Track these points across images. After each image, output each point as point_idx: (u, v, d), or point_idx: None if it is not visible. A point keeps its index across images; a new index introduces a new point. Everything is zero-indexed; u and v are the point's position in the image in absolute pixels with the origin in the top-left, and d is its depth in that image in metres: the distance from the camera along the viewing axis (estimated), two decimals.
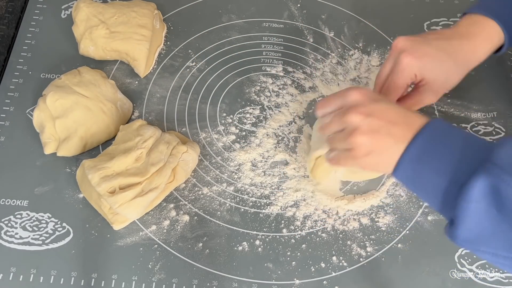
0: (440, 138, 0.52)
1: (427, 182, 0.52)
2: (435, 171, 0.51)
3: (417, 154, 0.52)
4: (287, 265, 0.66)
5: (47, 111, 0.71)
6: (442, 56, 0.63)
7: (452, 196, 0.50)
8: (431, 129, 0.53)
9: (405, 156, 0.53)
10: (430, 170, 0.52)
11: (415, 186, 0.55)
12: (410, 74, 0.63)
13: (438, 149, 0.52)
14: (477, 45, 0.65)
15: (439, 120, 0.54)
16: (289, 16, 0.88)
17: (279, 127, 0.77)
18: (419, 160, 0.52)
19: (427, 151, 0.52)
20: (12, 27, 0.85)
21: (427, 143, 0.52)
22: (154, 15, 0.82)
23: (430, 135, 0.53)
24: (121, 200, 0.64)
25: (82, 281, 0.64)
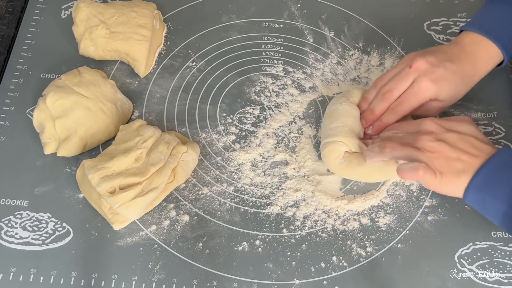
0: (504, 167, 0.58)
1: (490, 206, 0.59)
2: (496, 197, 0.58)
3: (482, 182, 0.58)
4: (287, 265, 0.66)
5: (47, 111, 0.71)
6: (456, 79, 0.69)
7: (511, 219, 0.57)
8: (498, 159, 0.59)
9: (472, 184, 0.59)
10: (491, 196, 0.58)
11: (482, 210, 0.61)
12: (426, 97, 0.68)
13: (500, 176, 0.58)
14: (480, 66, 0.71)
15: (507, 149, 0.60)
16: (289, 16, 0.88)
17: (279, 127, 0.77)
18: (485, 187, 0.58)
19: (491, 178, 0.58)
20: (12, 27, 0.85)
21: (493, 171, 0.58)
22: (154, 15, 0.82)
23: (496, 164, 0.59)
24: (121, 200, 0.64)
25: (82, 281, 0.65)
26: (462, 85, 0.70)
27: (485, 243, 0.68)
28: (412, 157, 0.62)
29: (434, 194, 0.72)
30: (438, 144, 0.61)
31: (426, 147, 0.61)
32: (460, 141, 0.61)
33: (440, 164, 0.60)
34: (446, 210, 0.71)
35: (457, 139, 0.61)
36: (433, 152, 0.61)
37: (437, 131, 0.62)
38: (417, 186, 0.73)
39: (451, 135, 0.61)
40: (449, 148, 0.60)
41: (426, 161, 0.60)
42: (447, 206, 0.71)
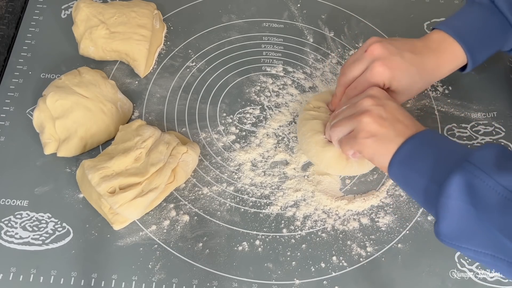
0: (426, 143, 0.58)
1: (412, 181, 0.57)
2: (418, 171, 0.56)
3: (404, 156, 0.58)
4: (287, 265, 0.66)
5: (47, 112, 0.71)
6: (411, 70, 0.67)
7: (433, 194, 0.54)
8: (421, 135, 0.58)
9: (395, 157, 0.58)
10: (413, 170, 0.57)
11: (404, 186, 0.60)
12: (379, 82, 0.66)
13: (422, 152, 0.57)
14: (442, 63, 0.69)
15: (433, 130, 0.60)
16: (289, 16, 0.88)
17: (279, 127, 0.77)
18: (406, 162, 0.57)
19: (413, 154, 0.57)
20: (12, 27, 0.85)
21: (415, 147, 0.58)
22: (154, 15, 0.82)
23: (419, 140, 0.58)
24: (121, 200, 0.64)
25: (82, 281, 0.65)
26: (419, 79, 0.68)
27: None
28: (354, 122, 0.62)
29: None
30: (380, 109, 0.61)
31: (369, 108, 0.61)
32: (399, 110, 0.61)
33: (376, 126, 0.60)
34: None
35: (397, 108, 0.61)
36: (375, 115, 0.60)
37: (380, 96, 0.62)
38: None
39: (391, 103, 0.62)
40: (388, 116, 0.60)
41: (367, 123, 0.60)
42: None
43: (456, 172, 0.52)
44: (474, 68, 0.71)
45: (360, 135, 0.60)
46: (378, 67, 0.66)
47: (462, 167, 0.52)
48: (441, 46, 0.69)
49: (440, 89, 0.81)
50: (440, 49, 0.69)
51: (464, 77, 0.82)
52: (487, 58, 0.71)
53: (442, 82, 0.82)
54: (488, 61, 0.84)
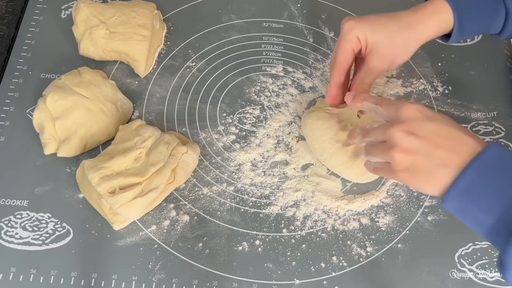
0: (491, 171, 0.49)
1: (474, 218, 0.50)
2: (482, 208, 0.49)
3: (465, 189, 0.50)
4: (287, 265, 0.66)
5: (47, 112, 0.71)
6: (384, 20, 0.64)
7: (500, 236, 0.48)
8: (484, 160, 0.50)
9: (452, 190, 0.51)
10: (476, 206, 0.50)
11: (463, 219, 0.53)
12: (352, 37, 0.63)
13: (488, 183, 0.49)
14: (423, 15, 0.64)
15: (495, 147, 0.50)
16: (289, 16, 0.88)
17: (279, 127, 0.77)
18: (467, 195, 0.50)
19: (475, 185, 0.49)
20: (12, 27, 0.85)
21: (477, 176, 0.49)
22: (154, 15, 0.82)
23: (482, 167, 0.49)
24: (121, 200, 0.64)
25: (82, 281, 0.65)
26: (396, 28, 0.63)
27: (485, 243, 0.68)
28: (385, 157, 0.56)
29: None
30: (410, 140, 0.53)
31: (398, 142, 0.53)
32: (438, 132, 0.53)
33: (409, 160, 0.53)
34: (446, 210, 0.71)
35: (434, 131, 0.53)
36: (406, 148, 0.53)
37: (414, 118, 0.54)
38: None
39: (428, 124, 0.53)
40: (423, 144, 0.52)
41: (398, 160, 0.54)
42: None
43: None
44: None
45: (396, 170, 0.54)
46: (347, 23, 0.64)
47: None
48: (424, 4, 0.65)
49: (440, 89, 0.81)
50: (421, 6, 0.65)
51: (464, 77, 0.82)
52: (475, 33, 0.67)
53: (442, 82, 0.82)
54: (488, 61, 0.84)
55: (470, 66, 0.83)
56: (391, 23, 0.63)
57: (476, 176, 0.49)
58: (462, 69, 0.83)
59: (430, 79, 0.82)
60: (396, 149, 0.53)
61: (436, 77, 0.82)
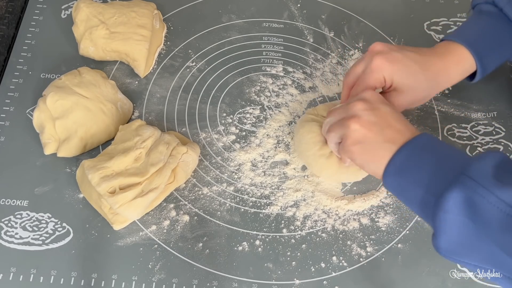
0: (421, 150, 0.55)
1: (407, 192, 0.55)
2: (413, 181, 0.54)
3: (399, 165, 0.55)
4: (287, 265, 0.66)
5: (47, 112, 0.71)
6: (413, 66, 0.65)
7: (430, 206, 0.52)
8: (416, 142, 0.56)
9: (389, 167, 0.56)
10: (409, 180, 0.55)
11: (399, 196, 0.58)
12: (379, 76, 0.64)
13: (418, 160, 0.55)
14: (448, 65, 0.67)
15: (428, 134, 0.57)
16: (289, 16, 0.88)
17: (279, 127, 0.77)
18: (401, 171, 0.55)
19: (408, 163, 0.55)
20: (12, 27, 0.85)
21: (409, 155, 0.55)
22: (154, 15, 0.82)
23: (414, 147, 0.55)
24: (121, 200, 0.64)
25: (82, 281, 0.65)
26: (423, 78, 0.65)
27: None
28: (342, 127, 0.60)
29: None
30: (370, 114, 0.58)
31: (358, 113, 0.59)
32: (392, 115, 0.59)
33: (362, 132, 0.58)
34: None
35: (390, 112, 0.59)
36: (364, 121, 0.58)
37: (374, 100, 0.60)
38: None
39: (385, 107, 0.59)
40: (379, 120, 0.58)
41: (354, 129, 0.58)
42: None
43: (454, 187, 0.49)
44: (484, 77, 0.68)
45: (348, 142, 0.59)
46: (377, 60, 0.64)
47: (461, 182, 0.49)
48: (447, 50, 0.67)
49: None
50: (445, 52, 0.67)
51: None
52: (498, 65, 0.69)
53: None
54: None
55: None
56: (419, 71, 0.65)
57: (409, 154, 0.55)
58: None
59: None
60: (354, 119, 0.59)
61: None
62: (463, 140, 0.77)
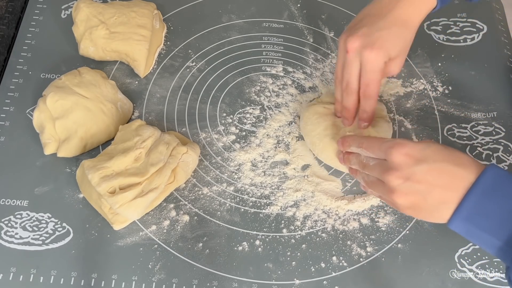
0: (491, 195, 0.51)
1: (482, 239, 0.53)
2: (488, 231, 0.51)
3: (467, 215, 0.52)
4: (287, 265, 0.66)
5: (47, 112, 0.71)
6: (395, 31, 0.63)
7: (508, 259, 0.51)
8: (481, 186, 0.52)
9: (455, 218, 0.53)
10: (482, 230, 0.52)
11: (470, 239, 0.54)
12: (381, 65, 0.63)
13: (489, 207, 0.51)
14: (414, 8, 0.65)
15: (493, 169, 0.52)
16: (289, 16, 0.88)
17: (279, 127, 0.77)
18: (471, 220, 0.52)
19: (477, 211, 0.51)
20: (12, 27, 0.85)
21: (477, 202, 0.51)
22: (154, 15, 0.82)
23: (480, 193, 0.51)
24: (122, 200, 0.64)
25: (82, 281, 0.65)
26: (406, 32, 0.64)
27: None
28: (387, 199, 0.59)
29: None
30: (408, 185, 0.55)
31: (396, 188, 0.56)
32: (432, 172, 0.54)
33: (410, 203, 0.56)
34: None
35: (427, 172, 0.54)
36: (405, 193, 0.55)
37: (405, 164, 0.55)
38: None
39: (420, 167, 0.54)
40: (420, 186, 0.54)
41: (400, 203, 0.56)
42: None
43: None
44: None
45: (400, 209, 0.57)
46: (370, 55, 0.63)
47: None
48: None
49: (440, 89, 0.81)
50: None
51: (464, 77, 0.82)
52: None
53: (442, 82, 0.82)
54: (488, 61, 0.84)
55: (470, 66, 0.83)
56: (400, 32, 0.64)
57: (477, 202, 0.51)
58: (462, 69, 0.83)
59: (430, 79, 0.82)
60: (396, 195, 0.56)
61: (436, 77, 0.82)
62: (463, 140, 0.77)
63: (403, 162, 0.55)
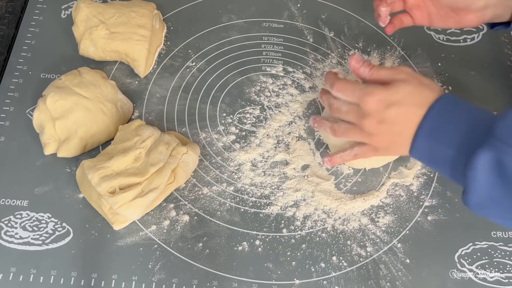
0: (449, 112, 0.58)
1: (439, 154, 0.58)
2: (445, 142, 0.57)
3: (429, 129, 0.58)
4: (287, 265, 0.66)
5: (47, 112, 0.71)
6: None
7: (460, 165, 0.55)
8: (441, 104, 0.58)
9: (419, 132, 0.58)
10: (441, 141, 0.57)
11: (428, 160, 0.60)
12: None
13: (447, 122, 0.57)
14: None
15: (449, 95, 0.59)
16: (289, 16, 0.88)
17: (279, 127, 0.77)
18: (431, 134, 0.58)
19: (438, 125, 0.57)
20: (12, 27, 0.85)
21: (438, 117, 0.58)
22: (154, 15, 0.82)
23: (441, 110, 0.58)
24: (122, 200, 0.64)
25: (82, 281, 0.65)
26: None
27: (485, 243, 0.68)
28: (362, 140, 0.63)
29: (434, 194, 0.72)
30: (380, 129, 0.60)
31: (373, 132, 0.61)
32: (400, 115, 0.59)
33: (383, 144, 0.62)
34: (446, 210, 0.71)
35: (397, 114, 0.59)
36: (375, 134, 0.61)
37: (378, 110, 0.60)
38: (417, 186, 0.73)
39: (391, 111, 0.59)
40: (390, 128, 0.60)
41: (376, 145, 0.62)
42: (447, 206, 0.71)
43: (483, 148, 0.52)
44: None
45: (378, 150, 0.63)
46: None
47: (489, 143, 0.52)
48: None
49: None
50: None
51: (464, 77, 0.82)
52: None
53: (442, 82, 0.82)
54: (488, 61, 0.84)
55: (470, 66, 0.83)
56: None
57: (437, 117, 0.57)
58: (462, 69, 0.83)
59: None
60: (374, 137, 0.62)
61: (436, 77, 0.82)
62: None
63: (375, 109, 0.60)
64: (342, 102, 0.63)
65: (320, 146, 0.76)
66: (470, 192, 0.55)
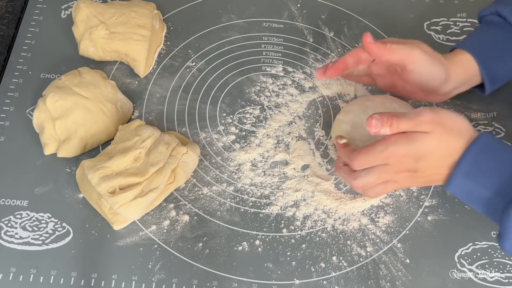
0: (489, 152, 0.57)
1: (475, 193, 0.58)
2: (483, 184, 0.57)
3: (467, 170, 0.58)
4: (287, 265, 0.66)
5: (47, 112, 0.71)
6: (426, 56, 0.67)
7: (497, 207, 0.56)
8: (481, 144, 0.57)
9: (456, 172, 0.58)
10: (479, 182, 0.57)
11: (465, 198, 0.60)
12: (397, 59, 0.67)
13: (485, 163, 0.57)
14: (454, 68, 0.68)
15: (487, 135, 0.58)
16: (289, 16, 0.88)
17: (279, 127, 0.77)
18: (469, 175, 0.58)
19: (476, 166, 0.57)
20: (12, 27, 0.85)
21: (477, 157, 0.57)
22: (154, 15, 0.82)
23: (480, 149, 0.57)
24: (122, 200, 0.64)
25: (82, 281, 0.65)
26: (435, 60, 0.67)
27: (485, 243, 0.68)
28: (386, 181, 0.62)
29: (434, 194, 0.72)
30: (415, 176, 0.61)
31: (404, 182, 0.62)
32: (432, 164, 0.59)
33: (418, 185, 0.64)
34: (446, 210, 0.71)
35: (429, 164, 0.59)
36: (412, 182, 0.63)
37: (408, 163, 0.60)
38: None
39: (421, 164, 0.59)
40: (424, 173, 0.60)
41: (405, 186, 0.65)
42: (447, 206, 0.71)
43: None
44: (495, 90, 0.72)
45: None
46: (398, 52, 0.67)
47: None
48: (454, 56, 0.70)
49: None
50: (452, 58, 0.69)
51: None
52: (509, 76, 0.71)
53: None
54: None
55: None
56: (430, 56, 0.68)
57: (477, 157, 0.57)
58: None
59: None
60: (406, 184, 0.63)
61: None
62: None
63: (405, 163, 0.60)
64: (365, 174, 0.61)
65: (320, 146, 0.76)
66: (506, 238, 0.55)
